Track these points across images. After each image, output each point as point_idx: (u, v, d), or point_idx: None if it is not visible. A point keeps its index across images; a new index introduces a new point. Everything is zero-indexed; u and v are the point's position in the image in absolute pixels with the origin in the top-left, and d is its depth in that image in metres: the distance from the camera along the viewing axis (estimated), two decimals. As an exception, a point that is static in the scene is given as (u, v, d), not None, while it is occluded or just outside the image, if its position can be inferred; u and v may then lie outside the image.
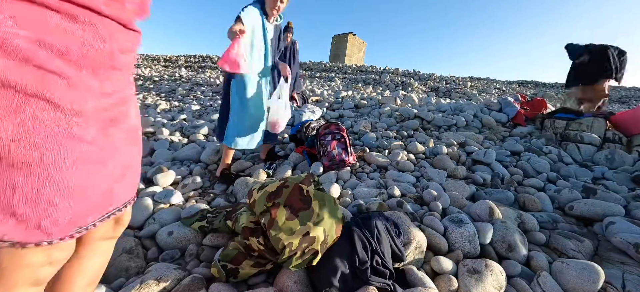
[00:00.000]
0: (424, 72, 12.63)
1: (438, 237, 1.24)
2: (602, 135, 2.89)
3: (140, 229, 1.39)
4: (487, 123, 3.43)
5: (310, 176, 1.23)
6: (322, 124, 2.21)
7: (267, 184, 1.19)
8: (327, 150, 2.04)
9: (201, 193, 1.85)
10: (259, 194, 1.13)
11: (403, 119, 3.50)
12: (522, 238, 1.30)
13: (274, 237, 0.98)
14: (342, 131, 2.10)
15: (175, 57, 15.51)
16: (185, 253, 1.23)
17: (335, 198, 1.14)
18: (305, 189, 1.09)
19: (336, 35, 43.46)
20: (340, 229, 1.07)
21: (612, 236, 1.38)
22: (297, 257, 0.95)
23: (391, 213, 1.29)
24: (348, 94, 5.40)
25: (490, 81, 12.55)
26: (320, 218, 1.02)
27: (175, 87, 7.12)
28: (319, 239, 0.97)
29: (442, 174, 2.05)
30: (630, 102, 9.73)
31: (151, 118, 3.61)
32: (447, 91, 8.74)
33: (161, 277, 0.98)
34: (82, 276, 0.66)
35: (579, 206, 1.64)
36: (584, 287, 1.05)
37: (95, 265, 0.69)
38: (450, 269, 1.10)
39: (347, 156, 2.05)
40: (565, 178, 2.18)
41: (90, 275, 0.68)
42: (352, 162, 2.09)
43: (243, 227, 1.10)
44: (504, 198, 1.75)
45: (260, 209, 1.08)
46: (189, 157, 2.39)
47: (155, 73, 9.88)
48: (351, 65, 15.26)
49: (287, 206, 1.05)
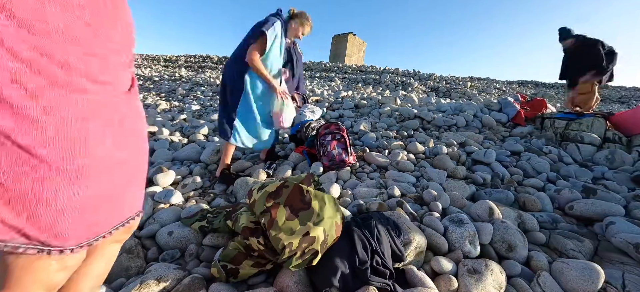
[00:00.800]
0: (424, 72, 12.63)
1: (438, 237, 1.24)
2: (602, 135, 2.89)
3: (140, 229, 1.39)
4: (487, 123, 3.43)
5: (310, 175, 1.23)
6: (322, 124, 2.21)
7: (267, 184, 1.19)
8: (327, 150, 2.04)
9: (201, 193, 1.85)
10: (259, 194, 1.13)
11: (403, 119, 3.49)
12: (522, 238, 1.30)
13: (274, 237, 0.98)
14: (342, 131, 2.10)
15: (175, 57, 15.52)
16: (185, 253, 1.23)
17: (335, 198, 1.14)
18: (305, 189, 1.09)
19: (336, 36, 43.45)
20: (340, 229, 1.07)
21: (612, 236, 1.38)
22: (297, 257, 0.95)
23: (391, 213, 1.29)
24: (348, 94, 5.40)
25: (490, 81, 12.55)
26: (320, 218, 1.02)
27: (175, 87, 7.12)
28: (319, 239, 0.97)
29: (442, 174, 2.05)
30: (630, 102, 9.73)
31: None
32: (447, 91, 8.74)
33: (161, 277, 0.98)
34: (89, 278, 0.67)
35: (579, 206, 1.64)
36: (584, 287, 1.05)
37: (101, 268, 0.70)
38: (450, 269, 1.10)
39: (347, 156, 2.05)
40: (565, 178, 2.18)
41: (96, 277, 0.69)
42: (352, 162, 2.09)
43: (243, 227, 1.10)
44: (504, 198, 1.75)
45: (260, 209, 1.08)
46: (189, 157, 2.39)
47: (155, 73, 9.88)
48: (351, 65, 15.26)
49: (287, 206, 1.05)
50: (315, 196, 1.08)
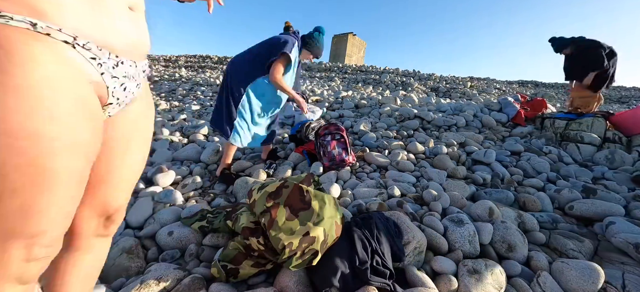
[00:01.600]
0: (424, 72, 12.62)
1: (438, 237, 1.24)
2: (602, 135, 2.89)
3: (140, 229, 1.40)
4: (487, 123, 3.43)
5: (310, 175, 1.23)
6: (322, 125, 2.21)
7: (267, 184, 1.19)
8: (327, 150, 2.04)
9: (201, 193, 1.85)
10: (259, 194, 1.13)
11: (403, 119, 3.49)
12: (522, 238, 1.30)
13: (273, 237, 0.98)
14: (341, 131, 2.10)
15: (175, 57, 15.52)
16: (185, 253, 1.23)
17: (335, 198, 1.14)
18: (305, 189, 1.09)
19: (336, 35, 43.44)
20: (340, 229, 1.07)
21: (612, 236, 1.38)
22: (297, 257, 0.95)
23: (391, 213, 1.29)
24: (348, 94, 5.40)
25: (490, 81, 12.55)
26: (320, 218, 1.02)
27: (175, 87, 7.12)
28: (319, 239, 0.97)
29: (442, 174, 2.05)
30: (630, 102, 9.73)
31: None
32: (447, 91, 8.74)
33: (161, 277, 0.98)
34: (78, 268, 0.66)
35: (579, 206, 1.64)
36: (584, 287, 1.05)
37: (89, 261, 0.69)
38: (450, 269, 1.10)
39: (347, 155, 2.06)
40: (565, 178, 2.18)
41: (86, 270, 0.69)
42: (352, 162, 2.10)
43: (243, 227, 1.10)
44: (504, 198, 1.75)
45: (260, 209, 1.08)
46: (189, 157, 2.39)
47: (155, 73, 9.88)
48: (351, 65, 15.25)
49: (287, 206, 1.05)
50: (315, 195, 1.08)
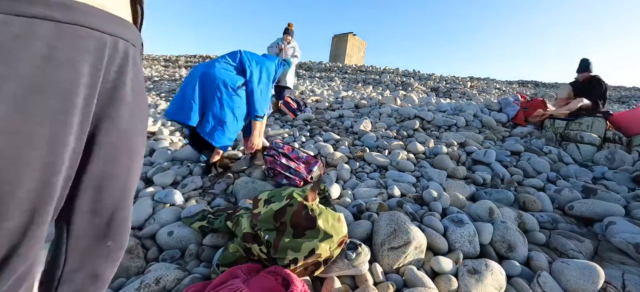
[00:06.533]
0: (424, 72, 12.62)
1: (438, 237, 1.24)
2: (602, 135, 2.89)
3: (140, 229, 1.39)
4: (487, 123, 3.43)
5: (316, 185, 1.21)
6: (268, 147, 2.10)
7: (272, 199, 1.16)
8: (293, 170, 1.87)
9: (201, 193, 1.85)
10: (265, 210, 1.11)
11: (403, 119, 3.49)
12: (522, 238, 1.30)
13: (279, 258, 0.99)
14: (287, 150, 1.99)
15: (175, 57, 15.51)
16: (185, 253, 1.23)
17: (340, 215, 1.10)
18: (310, 207, 1.07)
19: (336, 35, 43.40)
20: (343, 243, 1.05)
21: (612, 236, 1.38)
22: (300, 269, 0.97)
23: (391, 213, 1.29)
24: (348, 94, 5.40)
25: (490, 81, 12.54)
26: (326, 236, 1.00)
27: (175, 87, 7.11)
28: (323, 255, 0.98)
29: (442, 174, 2.04)
30: (630, 102, 9.72)
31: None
32: (447, 91, 8.73)
33: (161, 277, 0.98)
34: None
35: (579, 206, 1.64)
36: (584, 287, 1.05)
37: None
38: (450, 269, 1.10)
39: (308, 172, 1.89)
40: (565, 178, 2.18)
41: None
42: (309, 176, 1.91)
43: (245, 233, 1.09)
44: (504, 198, 1.75)
45: (265, 226, 1.07)
46: (189, 157, 2.38)
47: (155, 73, 9.88)
48: (351, 65, 15.24)
49: (293, 227, 1.04)
50: (320, 213, 1.06)
